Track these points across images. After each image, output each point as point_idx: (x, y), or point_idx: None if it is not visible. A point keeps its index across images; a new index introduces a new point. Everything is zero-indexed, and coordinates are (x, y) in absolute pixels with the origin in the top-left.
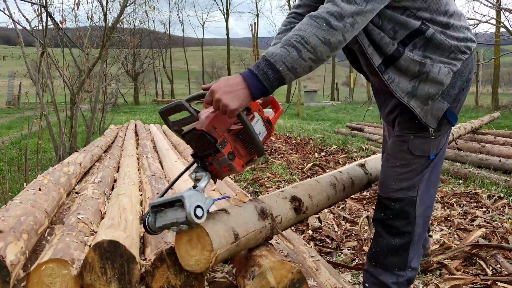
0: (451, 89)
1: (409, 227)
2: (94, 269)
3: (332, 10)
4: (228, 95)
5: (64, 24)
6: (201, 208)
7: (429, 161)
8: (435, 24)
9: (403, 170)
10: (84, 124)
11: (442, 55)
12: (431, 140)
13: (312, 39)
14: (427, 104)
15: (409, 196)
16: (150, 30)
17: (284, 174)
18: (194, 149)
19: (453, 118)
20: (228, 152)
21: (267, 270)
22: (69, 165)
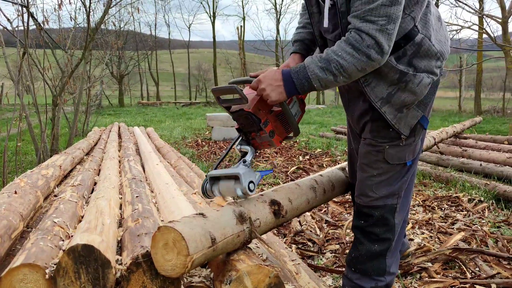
0: (427, 98)
1: (388, 233)
2: (67, 274)
3: (371, 44)
4: (270, 87)
5: (47, 25)
6: (253, 183)
7: (407, 168)
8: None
9: (380, 179)
10: (67, 126)
11: (430, 62)
12: (406, 147)
13: (350, 69)
14: (402, 112)
15: (389, 203)
16: (135, 32)
17: (268, 177)
18: (240, 125)
19: (425, 122)
20: (270, 130)
21: (244, 275)
22: (48, 168)
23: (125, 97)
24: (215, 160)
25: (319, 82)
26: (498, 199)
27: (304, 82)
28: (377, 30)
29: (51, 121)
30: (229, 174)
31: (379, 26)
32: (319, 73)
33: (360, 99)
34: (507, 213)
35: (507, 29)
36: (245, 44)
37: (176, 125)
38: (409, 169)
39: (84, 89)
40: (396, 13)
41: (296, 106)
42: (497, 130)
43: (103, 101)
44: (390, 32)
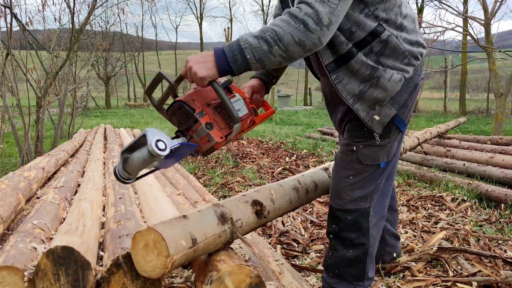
0: (400, 95)
1: (362, 238)
2: (46, 276)
3: (309, 12)
4: (198, 64)
5: (31, 26)
6: (163, 142)
7: (380, 170)
8: (390, 26)
9: (354, 180)
10: (53, 128)
11: (396, 60)
12: (381, 148)
13: (286, 37)
14: (374, 109)
15: (362, 207)
16: (122, 33)
17: (254, 178)
18: (177, 125)
19: (402, 124)
20: (206, 122)
21: (225, 275)
22: (31, 170)
23: (112, 98)
24: (201, 161)
25: (253, 53)
26: (481, 198)
27: (236, 53)
28: (318, 1)
29: (35, 123)
30: (137, 140)
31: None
32: (252, 41)
33: (341, 104)
34: (489, 212)
35: (490, 30)
36: None
37: (163, 127)
38: (383, 171)
39: (69, 90)
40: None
41: (240, 103)
42: (481, 131)
43: (89, 102)
44: (332, 6)
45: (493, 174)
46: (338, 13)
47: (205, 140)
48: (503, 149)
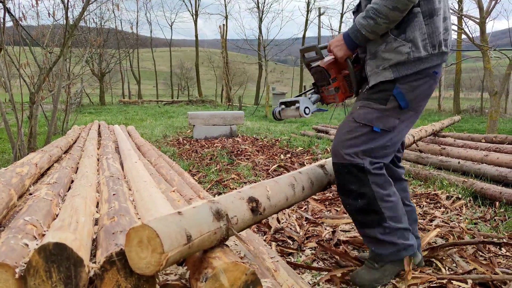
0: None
1: (364, 188)
2: (38, 273)
3: None
4: (336, 48)
5: (24, 21)
6: (309, 108)
7: (374, 134)
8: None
9: (347, 137)
10: (46, 124)
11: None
12: (375, 111)
13: (383, 9)
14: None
15: (355, 162)
16: (117, 29)
17: (249, 175)
18: (315, 80)
19: (401, 99)
20: (335, 86)
21: (220, 272)
22: (23, 166)
23: (106, 95)
24: (196, 158)
25: (365, 29)
26: (476, 196)
27: (356, 33)
28: None
29: (28, 119)
30: (292, 100)
31: None
32: (363, 22)
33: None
34: (484, 209)
35: (485, 29)
36: (228, 43)
37: (158, 124)
38: (378, 137)
39: (63, 86)
40: None
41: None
42: (475, 129)
43: (83, 99)
44: None
45: (487, 172)
46: None
47: (332, 97)
48: (497, 147)
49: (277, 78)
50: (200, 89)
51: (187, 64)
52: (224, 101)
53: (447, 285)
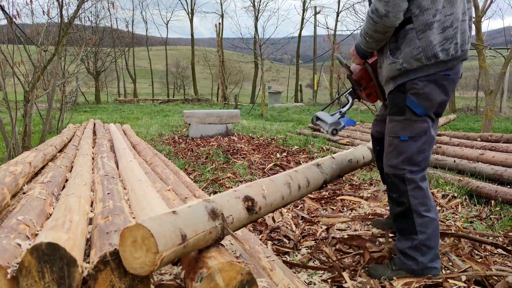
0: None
1: (402, 198)
2: (31, 273)
3: (373, 9)
4: (352, 57)
5: (19, 19)
6: (336, 130)
7: (403, 143)
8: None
9: (388, 150)
10: (41, 123)
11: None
12: (398, 123)
13: (368, 31)
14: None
15: (397, 173)
16: (112, 28)
17: (245, 174)
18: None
19: (414, 106)
20: (367, 93)
21: (216, 272)
22: (17, 164)
23: (102, 94)
24: (192, 157)
25: (362, 45)
26: (471, 194)
27: (359, 47)
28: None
29: (23, 118)
30: (324, 119)
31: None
32: (360, 38)
33: None
34: (479, 208)
35: (480, 28)
36: (224, 42)
37: (153, 122)
38: (409, 145)
39: (58, 85)
40: None
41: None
42: (470, 128)
43: (79, 98)
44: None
45: (483, 171)
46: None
47: (364, 98)
48: (493, 146)
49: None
50: (196, 87)
51: (183, 62)
52: (220, 99)
53: (443, 283)
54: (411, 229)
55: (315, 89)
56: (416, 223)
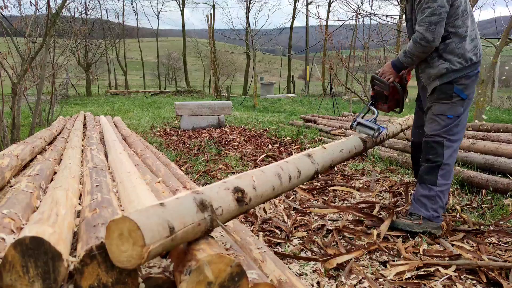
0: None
1: (438, 158)
2: (14, 268)
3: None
4: (387, 72)
5: (6, 10)
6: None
7: (449, 120)
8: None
9: (432, 123)
10: (31, 116)
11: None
12: (446, 105)
13: (414, 53)
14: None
15: (437, 139)
16: (102, 19)
17: (237, 165)
18: (376, 97)
19: (460, 93)
20: (388, 106)
21: (205, 264)
22: (4, 157)
23: (93, 86)
24: (183, 149)
25: (405, 63)
26: (463, 184)
27: (399, 64)
28: (424, 30)
29: (11, 110)
30: (370, 126)
31: (425, 27)
32: (403, 58)
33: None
34: (470, 197)
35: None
36: (215, 33)
37: (145, 114)
38: (451, 122)
39: (46, 76)
40: (435, 20)
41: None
42: None
43: (69, 90)
44: (432, 30)
45: (474, 160)
46: (436, 32)
47: (384, 109)
48: (484, 135)
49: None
50: (187, 79)
51: (174, 54)
52: (212, 91)
53: (435, 273)
54: (433, 180)
55: (307, 80)
56: (438, 176)
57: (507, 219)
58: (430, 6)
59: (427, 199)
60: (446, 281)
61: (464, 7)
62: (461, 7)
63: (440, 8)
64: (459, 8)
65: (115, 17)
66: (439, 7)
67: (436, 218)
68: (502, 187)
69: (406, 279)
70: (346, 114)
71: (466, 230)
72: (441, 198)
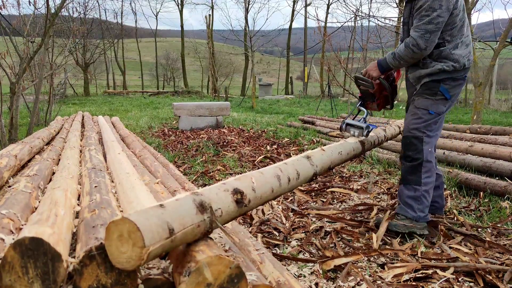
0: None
1: (418, 155)
2: (14, 269)
3: (414, 43)
4: (372, 70)
5: (5, 10)
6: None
7: (429, 115)
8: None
9: (412, 117)
10: (29, 116)
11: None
12: (428, 100)
13: (405, 57)
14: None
15: (416, 134)
16: (101, 19)
17: (235, 166)
18: (363, 96)
19: (445, 92)
20: (377, 104)
21: (204, 266)
22: (2, 157)
23: (91, 86)
24: (181, 149)
25: (392, 65)
26: (460, 186)
27: (385, 64)
28: (418, 36)
29: (9, 110)
30: (358, 125)
31: (419, 34)
32: (391, 60)
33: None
34: (468, 200)
35: (470, 20)
36: (214, 34)
37: (143, 115)
38: (432, 118)
39: (45, 76)
40: (432, 29)
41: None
42: (459, 120)
43: (68, 90)
44: (426, 38)
45: (472, 163)
46: (430, 41)
47: (374, 108)
48: (482, 138)
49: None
50: (186, 80)
51: (173, 54)
52: (210, 92)
53: (433, 275)
54: (418, 180)
55: (305, 81)
56: (422, 175)
57: (505, 222)
58: (429, 14)
59: (413, 200)
60: (444, 284)
61: (462, 16)
62: (459, 16)
63: (438, 18)
64: (457, 17)
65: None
66: (438, 17)
67: (422, 218)
68: (500, 189)
69: (404, 281)
70: (344, 115)
71: (464, 233)
72: (426, 198)
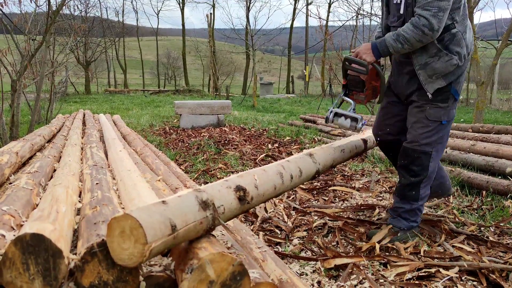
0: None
1: (423, 171)
2: (15, 265)
3: (425, 23)
4: (365, 54)
5: (6, 7)
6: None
7: (442, 126)
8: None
9: (423, 131)
10: (30, 113)
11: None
12: (442, 109)
13: (411, 39)
14: (431, 78)
15: (426, 150)
16: (102, 18)
17: (237, 165)
18: (349, 84)
19: (456, 94)
20: (365, 95)
21: (207, 263)
22: (3, 154)
23: (92, 84)
24: (183, 147)
25: (393, 48)
26: (463, 185)
27: (384, 48)
28: (431, 15)
29: (10, 108)
30: (351, 116)
31: (432, 13)
32: (392, 43)
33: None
34: (471, 199)
35: (473, 19)
36: (215, 32)
37: (144, 113)
38: (444, 127)
39: (46, 74)
40: (445, 6)
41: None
42: (461, 119)
43: (69, 88)
44: (440, 17)
45: (474, 162)
46: (442, 21)
47: (359, 100)
48: (484, 137)
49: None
50: (187, 78)
51: (174, 53)
52: (211, 90)
53: (436, 274)
54: (415, 196)
55: (306, 80)
56: (420, 192)
57: (507, 221)
58: None
59: (408, 213)
60: (447, 282)
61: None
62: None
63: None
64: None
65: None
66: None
67: (415, 227)
68: (503, 188)
69: (407, 280)
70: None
71: (466, 233)
72: (420, 210)
